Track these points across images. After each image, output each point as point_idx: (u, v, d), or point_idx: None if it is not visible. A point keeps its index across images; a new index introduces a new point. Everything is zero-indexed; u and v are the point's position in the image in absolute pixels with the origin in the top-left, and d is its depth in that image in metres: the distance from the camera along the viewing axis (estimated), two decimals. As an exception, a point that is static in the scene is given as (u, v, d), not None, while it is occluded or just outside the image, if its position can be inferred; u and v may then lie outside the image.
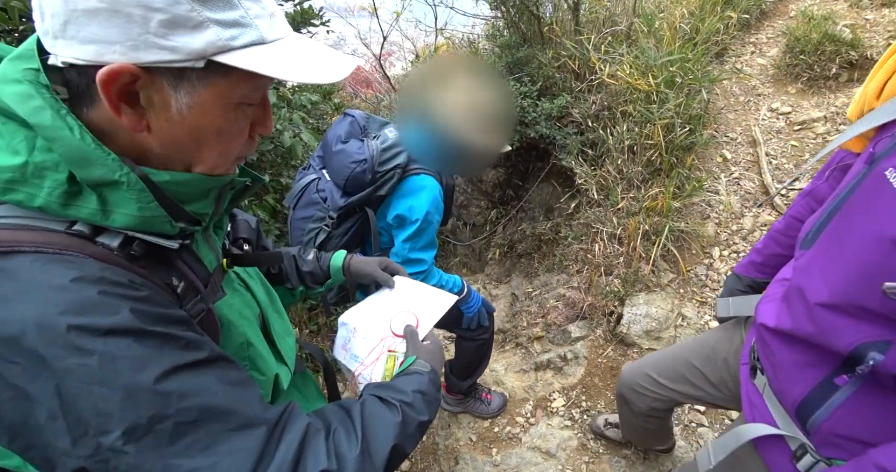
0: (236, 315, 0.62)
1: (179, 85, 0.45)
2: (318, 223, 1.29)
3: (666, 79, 2.34)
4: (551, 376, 2.01)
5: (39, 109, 0.42)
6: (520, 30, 2.93)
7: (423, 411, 0.61)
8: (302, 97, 1.94)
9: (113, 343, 0.41)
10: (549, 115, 2.60)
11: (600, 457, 1.65)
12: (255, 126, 0.54)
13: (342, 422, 0.54)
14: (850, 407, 0.62)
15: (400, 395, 0.61)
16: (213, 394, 0.45)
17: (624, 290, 2.09)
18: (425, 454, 1.86)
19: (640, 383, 1.16)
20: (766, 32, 3.42)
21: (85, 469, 0.40)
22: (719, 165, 2.61)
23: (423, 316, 0.81)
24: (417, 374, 0.67)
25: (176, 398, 0.42)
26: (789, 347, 0.69)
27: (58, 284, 0.41)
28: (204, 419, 0.43)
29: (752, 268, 1.06)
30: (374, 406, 0.58)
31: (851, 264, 0.58)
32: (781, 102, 2.85)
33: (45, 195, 0.43)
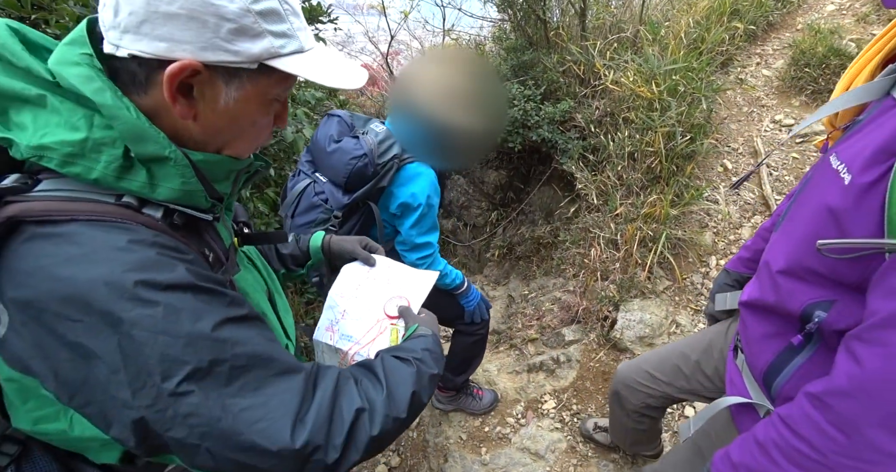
0: (251, 288, 0.68)
1: (231, 82, 0.51)
2: (321, 226, 1.28)
3: (669, 87, 2.35)
4: (543, 378, 2.02)
5: (100, 90, 0.47)
6: (526, 33, 2.94)
7: (433, 365, 0.68)
8: (306, 93, 1.95)
9: (174, 296, 0.46)
10: (551, 119, 2.62)
11: (588, 460, 1.66)
12: (275, 120, 0.61)
13: (366, 374, 0.61)
14: (805, 370, 0.68)
15: (411, 353, 0.68)
16: (258, 344, 0.50)
17: (619, 295, 2.10)
18: (415, 451, 1.88)
19: (636, 379, 1.18)
20: (772, 44, 3.44)
21: (143, 420, 0.44)
22: (719, 174, 2.62)
23: (412, 297, 0.87)
24: (423, 337, 0.74)
25: (230, 344, 0.47)
26: (758, 319, 0.75)
27: (119, 245, 0.45)
28: (253, 365, 0.48)
29: (740, 263, 1.08)
30: (392, 361, 0.64)
31: (801, 233, 0.65)
32: (785, 114, 2.86)
33: (101, 168, 0.48)
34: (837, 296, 0.61)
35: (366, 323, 0.84)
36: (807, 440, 0.58)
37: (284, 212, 1.36)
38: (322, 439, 0.49)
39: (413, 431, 1.95)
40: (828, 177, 0.62)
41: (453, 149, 1.31)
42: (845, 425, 0.54)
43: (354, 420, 0.52)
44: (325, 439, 0.49)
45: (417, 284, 0.90)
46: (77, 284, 0.43)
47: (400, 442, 1.92)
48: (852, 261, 0.57)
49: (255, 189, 1.88)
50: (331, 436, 0.50)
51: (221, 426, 0.45)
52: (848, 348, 0.56)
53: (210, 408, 0.45)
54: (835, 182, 0.60)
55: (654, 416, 1.26)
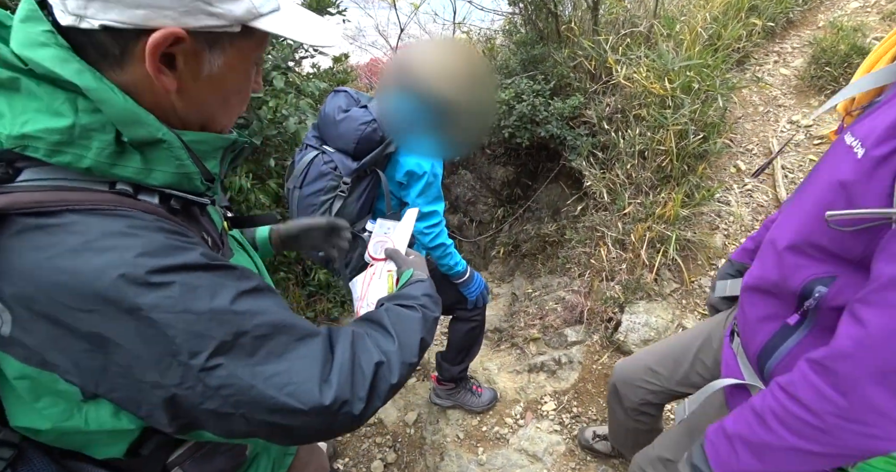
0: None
1: (214, 48, 0.49)
2: (330, 194, 1.33)
3: (683, 84, 2.29)
4: (544, 379, 1.99)
5: (80, 72, 0.44)
6: (537, 27, 2.89)
7: (434, 308, 0.71)
8: (310, 84, 1.93)
9: (188, 276, 0.45)
10: (560, 115, 2.57)
11: (587, 464, 1.62)
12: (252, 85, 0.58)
13: (375, 327, 0.63)
14: (798, 350, 0.68)
15: (413, 300, 0.70)
16: (275, 313, 0.51)
17: (624, 297, 2.06)
18: (412, 448, 1.86)
19: (638, 374, 1.17)
20: (791, 42, 3.34)
21: (175, 398, 0.45)
22: (732, 175, 2.55)
23: (395, 238, 0.91)
24: (420, 282, 0.77)
25: (250, 316, 0.48)
26: (756, 302, 0.77)
27: (120, 231, 0.44)
28: (275, 333, 0.49)
29: (745, 254, 1.08)
30: (397, 310, 0.67)
31: (810, 207, 0.66)
32: (803, 115, 2.77)
33: (93, 156, 0.45)
34: (839, 271, 0.62)
35: (364, 277, 0.88)
36: (805, 404, 0.58)
37: (292, 184, 1.39)
38: (348, 393, 0.51)
39: (410, 427, 1.93)
40: (840, 153, 0.63)
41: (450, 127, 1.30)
42: (844, 385, 0.55)
43: (375, 373, 0.55)
44: (351, 393, 0.51)
45: (399, 224, 0.93)
46: (84, 274, 0.41)
47: (397, 439, 1.90)
48: (858, 233, 0.58)
49: (257, 180, 1.86)
50: (355, 390, 0.52)
51: (253, 394, 0.46)
52: (852, 312, 0.57)
53: (241, 377, 0.46)
54: (847, 157, 0.60)
55: (653, 413, 1.23)
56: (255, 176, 1.87)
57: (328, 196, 1.33)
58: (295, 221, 0.98)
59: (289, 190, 1.42)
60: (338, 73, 2.83)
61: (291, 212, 1.42)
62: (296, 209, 1.39)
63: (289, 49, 1.83)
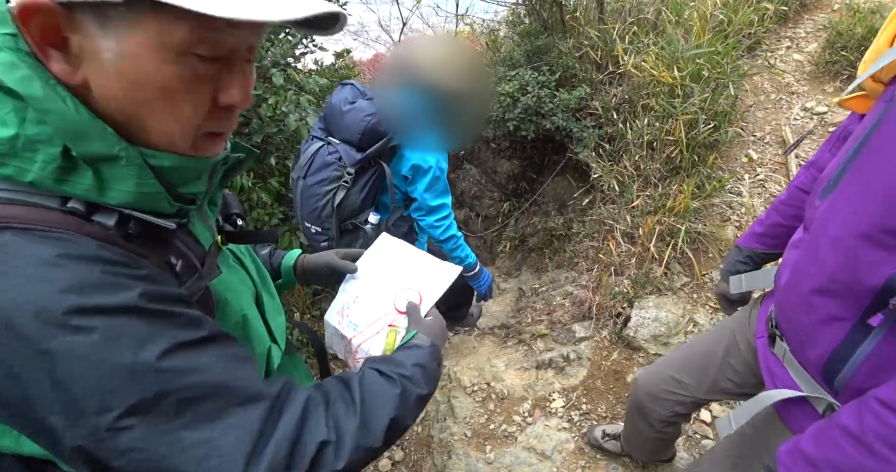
0: (232, 293, 0.61)
1: (105, 27, 0.40)
2: (334, 184, 1.34)
3: (692, 72, 2.22)
4: (552, 375, 1.96)
5: (27, 79, 0.40)
6: (541, 17, 2.83)
7: (423, 384, 0.61)
8: (311, 81, 1.90)
9: (114, 321, 0.40)
10: (566, 106, 2.51)
11: (597, 462, 1.60)
12: (222, 91, 0.47)
13: (341, 395, 0.54)
14: (878, 357, 0.59)
15: (399, 368, 0.61)
16: (213, 371, 0.45)
17: (634, 291, 2.02)
18: (419, 446, 1.85)
19: (661, 385, 1.11)
20: (805, 26, 3.23)
21: (83, 449, 0.40)
22: (744, 165, 2.49)
23: (426, 291, 0.81)
24: (417, 348, 0.67)
25: (178, 375, 0.42)
26: (810, 303, 0.67)
27: (46, 260, 0.39)
28: (206, 395, 0.43)
29: (753, 238, 1.05)
30: (373, 379, 0.58)
31: (883, 189, 0.56)
32: (817, 102, 2.68)
33: (37, 170, 0.41)
34: None
35: (373, 313, 0.81)
36: None
37: (297, 173, 1.40)
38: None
39: (418, 425, 1.92)
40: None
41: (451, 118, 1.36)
42: None
43: (317, 454, 0.46)
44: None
45: (436, 276, 0.83)
46: (2, 305, 0.37)
47: (405, 437, 1.89)
48: None
49: (259, 179, 1.85)
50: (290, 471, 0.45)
51: (165, 465, 0.40)
52: None
53: (154, 443, 0.40)
54: None
55: (679, 422, 1.19)
56: (256, 174, 1.85)
57: (331, 186, 1.34)
58: (323, 258, 0.90)
59: (293, 180, 1.43)
60: (340, 69, 2.81)
61: (295, 202, 1.43)
62: (300, 199, 1.40)
63: (288, 45, 1.80)
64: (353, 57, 4.25)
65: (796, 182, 0.99)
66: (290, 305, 2.30)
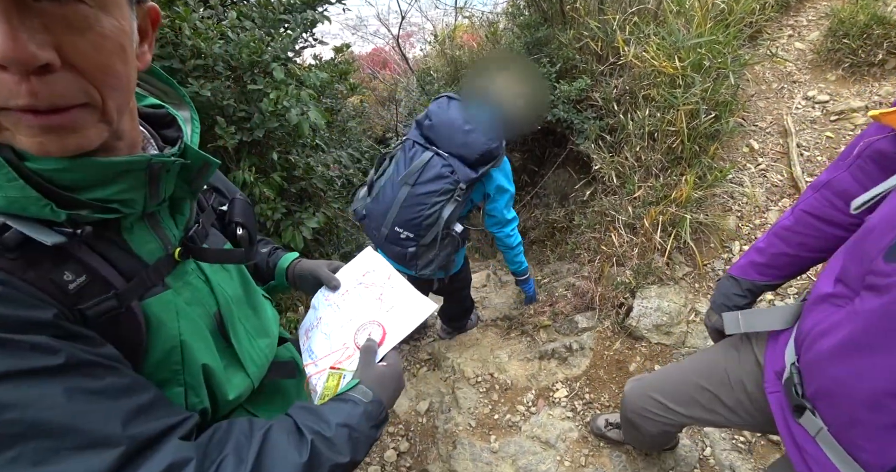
0: (171, 314, 0.54)
1: None
2: (445, 196, 1.42)
3: (693, 62, 2.21)
4: (555, 366, 1.98)
5: None
6: (541, 9, 2.81)
7: (345, 450, 0.52)
8: (311, 75, 1.90)
9: None
10: (567, 98, 2.51)
11: (600, 451, 1.62)
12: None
13: (237, 449, 0.47)
14: None
15: (319, 426, 0.53)
16: (51, 407, 0.38)
17: (635, 282, 2.03)
18: (424, 437, 1.87)
19: (649, 408, 1.09)
20: (806, 14, 3.21)
21: None
22: (745, 155, 2.48)
23: (392, 327, 0.71)
24: (353, 403, 0.59)
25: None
26: (877, 402, 0.55)
27: None
28: (35, 434, 0.37)
29: (753, 269, 0.94)
30: (280, 438, 0.50)
31: None
32: (819, 90, 2.67)
33: None
34: None
35: (332, 343, 0.71)
36: None
37: (404, 179, 1.45)
38: None
39: (422, 416, 1.94)
40: None
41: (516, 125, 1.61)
42: None
43: None
44: None
45: (409, 310, 0.72)
46: None
47: (409, 428, 1.91)
48: None
49: (261, 174, 1.85)
50: None
51: None
52: None
53: None
54: None
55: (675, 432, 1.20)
56: (258, 169, 1.86)
57: (442, 199, 1.41)
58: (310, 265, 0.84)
59: (392, 183, 1.47)
60: (340, 63, 2.80)
61: (385, 204, 1.48)
62: (399, 205, 1.45)
63: (288, 39, 1.80)
64: (352, 51, 4.24)
65: (804, 206, 0.86)
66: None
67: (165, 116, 0.58)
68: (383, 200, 1.48)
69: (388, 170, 1.51)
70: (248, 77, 1.72)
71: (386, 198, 1.47)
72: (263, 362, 0.69)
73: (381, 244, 1.55)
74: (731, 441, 1.54)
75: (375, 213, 1.50)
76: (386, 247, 1.54)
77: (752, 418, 0.90)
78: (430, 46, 4.43)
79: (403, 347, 2.36)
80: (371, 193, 1.53)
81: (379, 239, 1.53)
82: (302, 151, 2.13)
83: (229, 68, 1.68)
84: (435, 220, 1.43)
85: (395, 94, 4.62)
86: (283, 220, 1.98)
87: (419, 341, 2.37)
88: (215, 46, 1.60)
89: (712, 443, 1.54)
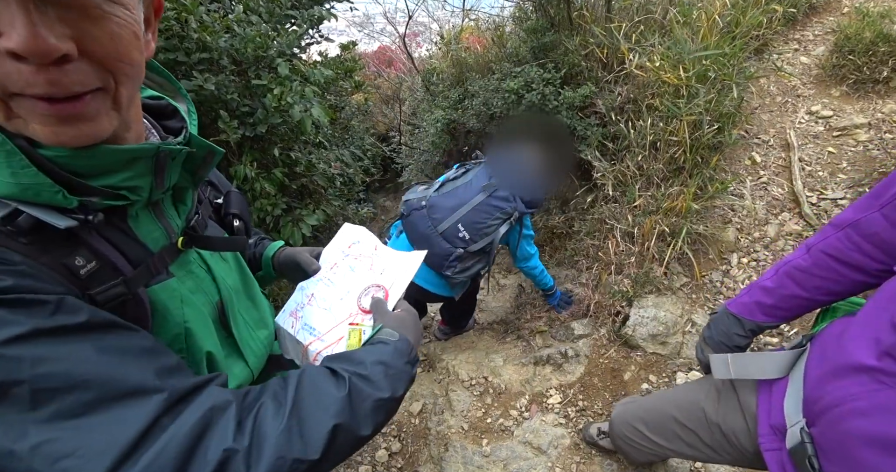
0: (176, 301, 0.54)
1: None
2: (504, 217, 1.60)
3: (698, 73, 2.22)
4: (550, 371, 1.97)
5: None
6: (548, 14, 2.81)
7: (384, 386, 0.52)
8: (316, 72, 1.90)
9: None
10: (571, 104, 2.51)
11: (592, 459, 1.61)
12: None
13: (274, 395, 0.47)
14: None
15: (355, 366, 0.52)
16: (84, 361, 0.39)
17: (633, 290, 2.03)
18: (416, 437, 1.86)
19: (630, 436, 1.08)
20: (813, 29, 3.22)
21: None
22: (747, 167, 2.49)
23: (391, 285, 0.71)
24: (382, 343, 0.59)
25: (31, 362, 0.37)
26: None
27: None
28: (72, 386, 0.38)
29: (759, 310, 0.85)
30: (317, 377, 0.50)
31: None
32: (822, 105, 2.68)
33: None
34: None
35: (335, 316, 0.70)
36: None
37: (487, 188, 1.60)
38: None
39: (415, 418, 1.93)
40: None
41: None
42: None
43: (220, 464, 0.39)
44: None
45: (401, 267, 0.73)
46: None
47: (402, 428, 1.91)
48: None
49: (262, 169, 1.85)
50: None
51: (12, 464, 0.35)
52: None
53: (1, 437, 0.35)
54: None
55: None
56: (259, 165, 1.85)
57: (503, 217, 1.59)
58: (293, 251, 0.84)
59: (469, 188, 1.63)
60: (346, 61, 2.79)
61: (458, 203, 1.61)
62: (471, 206, 1.60)
63: (294, 36, 1.80)
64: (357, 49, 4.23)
65: (823, 246, 0.77)
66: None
67: (166, 107, 0.59)
68: (456, 197, 1.60)
69: (467, 176, 1.66)
70: (252, 72, 1.72)
71: (460, 196, 1.60)
72: (262, 353, 0.70)
73: (428, 237, 1.62)
74: (722, 454, 1.54)
75: (443, 206, 1.61)
76: (433, 242, 1.61)
77: (732, 457, 0.88)
78: (435, 47, 4.43)
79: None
80: (440, 190, 1.64)
81: (430, 232, 1.61)
82: (304, 148, 2.13)
83: (234, 62, 1.68)
84: (492, 231, 1.60)
85: (400, 93, 4.61)
86: (283, 216, 1.97)
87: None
88: (221, 40, 1.59)
89: (704, 455, 1.54)
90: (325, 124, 2.16)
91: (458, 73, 3.38)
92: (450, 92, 3.20)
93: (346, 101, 3.37)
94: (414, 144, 3.80)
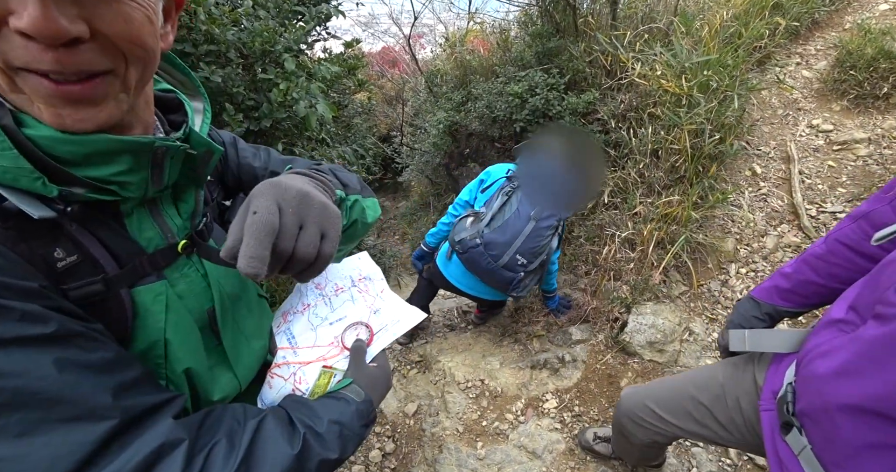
0: (160, 305, 0.52)
1: None
2: (553, 229, 1.73)
3: (700, 83, 2.23)
4: (547, 376, 1.97)
5: None
6: (553, 20, 2.83)
7: (334, 447, 0.52)
8: (322, 68, 1.89)
9: None
10: (574, 110, 2.52)
11: (587, 464, 1.61)
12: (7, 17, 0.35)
13: (230, 435, 0.46)
14: None
15: (312, 421, 0.53)
16: (40, 377, 0.37)
17: (631, 297, 2.03)
18: (410, 439, 1.85)
19: (640, 415, 1.09)
20: (815, 44, 3.25)
21: None
22: (747, 178, 2.50)
23: (382, 331, 0.71)
24: (345, 401, 0.58)
25: None
26: (860, 421, 0.56)
27: None
28: (21, 403, 0.36)
29: (777, 294, 0.91)
30: (274, 428, 0.50)
31: None
32: (823, 119, 2.71)
33: None
34: None
35: (317, 337, 0.69)
36: None
37: (535, 216, 1.73)
38: None
39: (410, 419, 1.92)
40: None
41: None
42: None
43: None
44: None
45: (398, 318, 0.72)
46: None
47: (396, 429, 1.89)
48: None
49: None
50: None
51: None
52: None
53: None
54: None
55: (662, 444, 1.19)
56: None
57: (552, 231, 1.73)
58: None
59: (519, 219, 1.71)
60: (349, 58, 2.79)
61: (513, 236, 1.70)
62: (524, 237, 1.71)
63: (301, 32, 1.79)
64: (361, 48, 4.23)
65: (838, 235, 0.84)
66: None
67: (173, 99, 0.57)
68: (510, 231, 1.71)
69: (512, 203, 1.75)
70: (259, 66, 1.71)
71: (513, 230, 1.71)
72: (254, 364, 0.67)
73: (492, 272, 1.74)
74: (717, 462, 1.54)
75: (499, 242, 1.71)
76: (496, 274, 1.74)
77: (742, 436, 0.90)
78: (440, 49, 4.44)
79: (395, 347, 2.34)
80: (491, 225, 1.73)
81: (492, 267, 1.73)
82: (307, 144, 2.12)
83: (241, 56, 1.67)
84: (545, 248, 1.74)
85: (403, 93, 4.61)
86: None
87: (411, 343, 2.35)
88: (229, 33, 1.58)
89: (699, 464, 1.54)
90: (329, 121, 2.16)
91: (461, 76, 3.39)
92: (453, 94, 3.21)
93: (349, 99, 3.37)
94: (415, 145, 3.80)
